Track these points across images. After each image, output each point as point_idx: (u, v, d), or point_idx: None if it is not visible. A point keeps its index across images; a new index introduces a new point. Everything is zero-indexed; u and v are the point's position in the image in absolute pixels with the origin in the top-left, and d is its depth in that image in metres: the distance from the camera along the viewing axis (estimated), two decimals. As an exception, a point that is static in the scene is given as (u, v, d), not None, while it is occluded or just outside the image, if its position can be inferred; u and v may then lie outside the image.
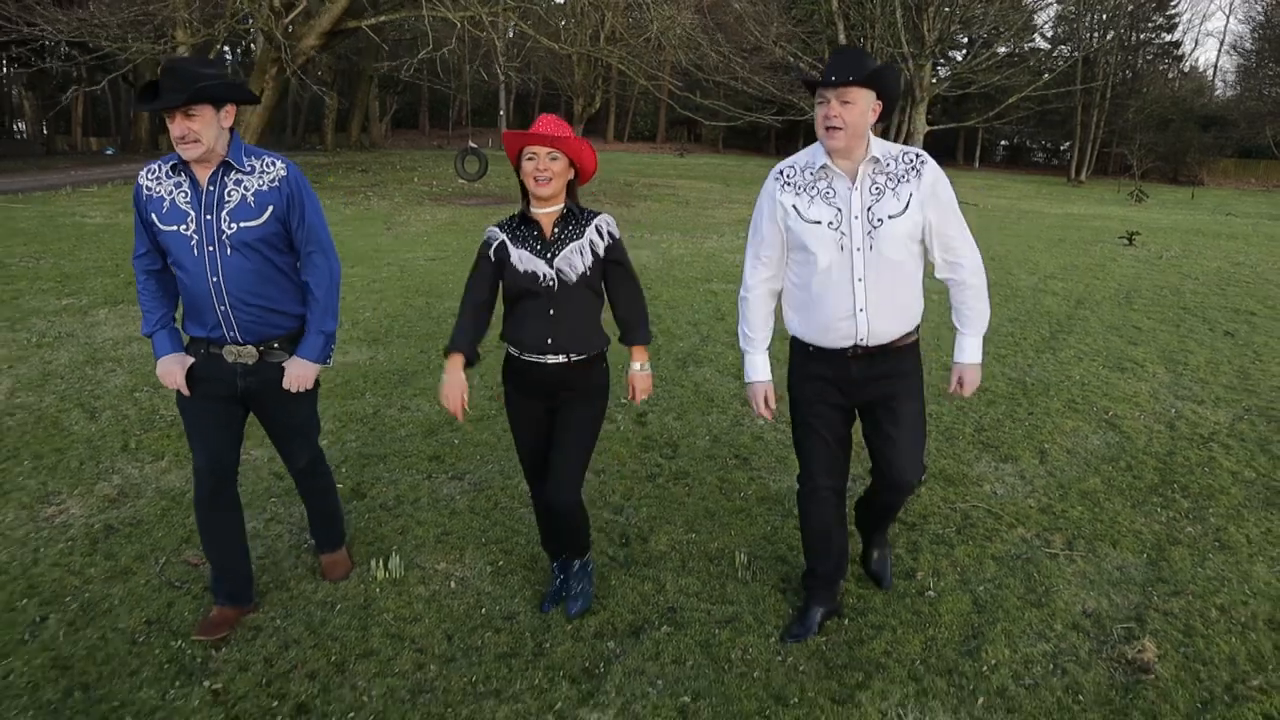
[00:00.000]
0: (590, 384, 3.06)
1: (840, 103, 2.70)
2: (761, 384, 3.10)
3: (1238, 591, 3.47)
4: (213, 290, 2.86)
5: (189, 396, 3.00)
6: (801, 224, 2.86)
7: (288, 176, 2.94)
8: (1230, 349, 7.46)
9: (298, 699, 2.73)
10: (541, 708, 2.70)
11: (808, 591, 3.20)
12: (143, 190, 2.91)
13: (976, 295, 2.97)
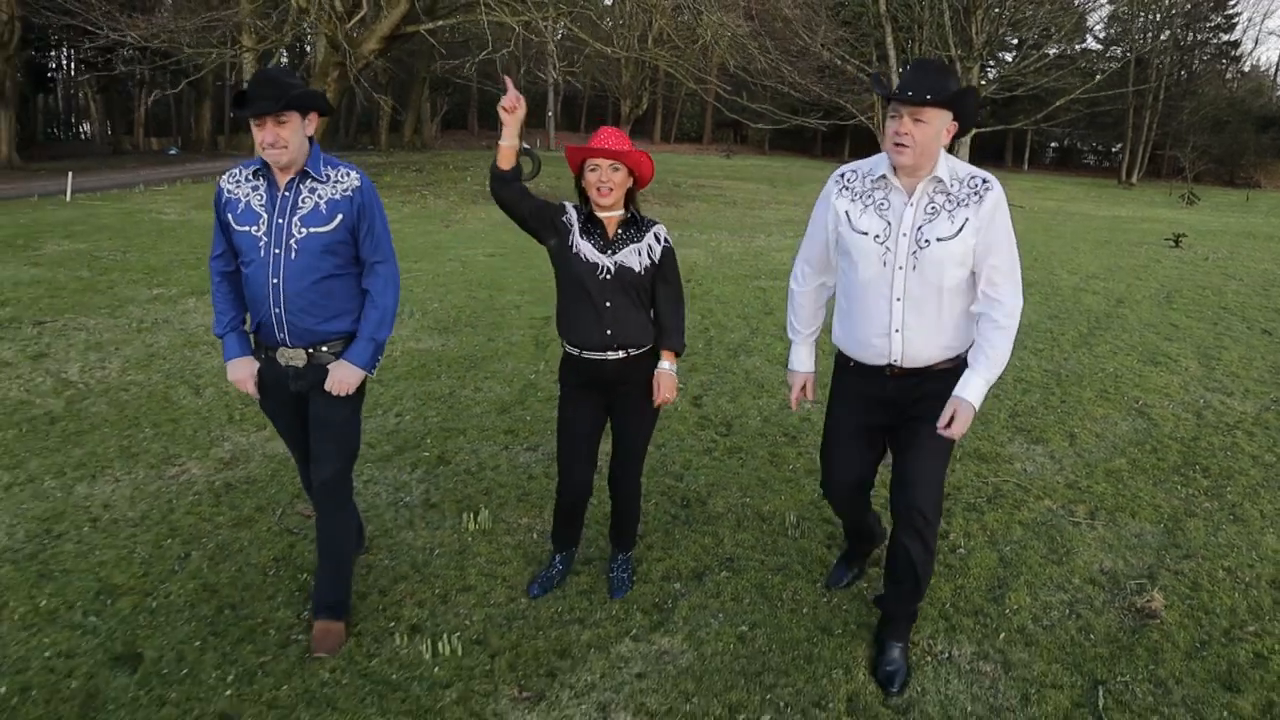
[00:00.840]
0: (645, 378, 3.22)
1: (913, 120, 2.60)
2: (801, 374, 3.13)
3: (1245, 557, 3.82)
4: (270, 292, 2.93)
5: (268, 403, 3.16)
6: (850, 232, 2.81)
7: (360, 187, 3.00)
8: (1266, 346, 7.70)
9: (410, 621, 3.20)
10: (619, 633, 3.14)
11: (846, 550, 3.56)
12: (224, 192, 3.01)
13: (1003, 337, 2.74)
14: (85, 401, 5.64)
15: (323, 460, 3.09)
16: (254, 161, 3.01)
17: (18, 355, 6.64)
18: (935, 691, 2.86)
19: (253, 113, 2.77)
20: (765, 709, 2.75)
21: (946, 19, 27.80)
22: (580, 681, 2.86)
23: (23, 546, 3.73)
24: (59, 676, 2.85)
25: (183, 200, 18.93)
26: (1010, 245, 2.75)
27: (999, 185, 2.73)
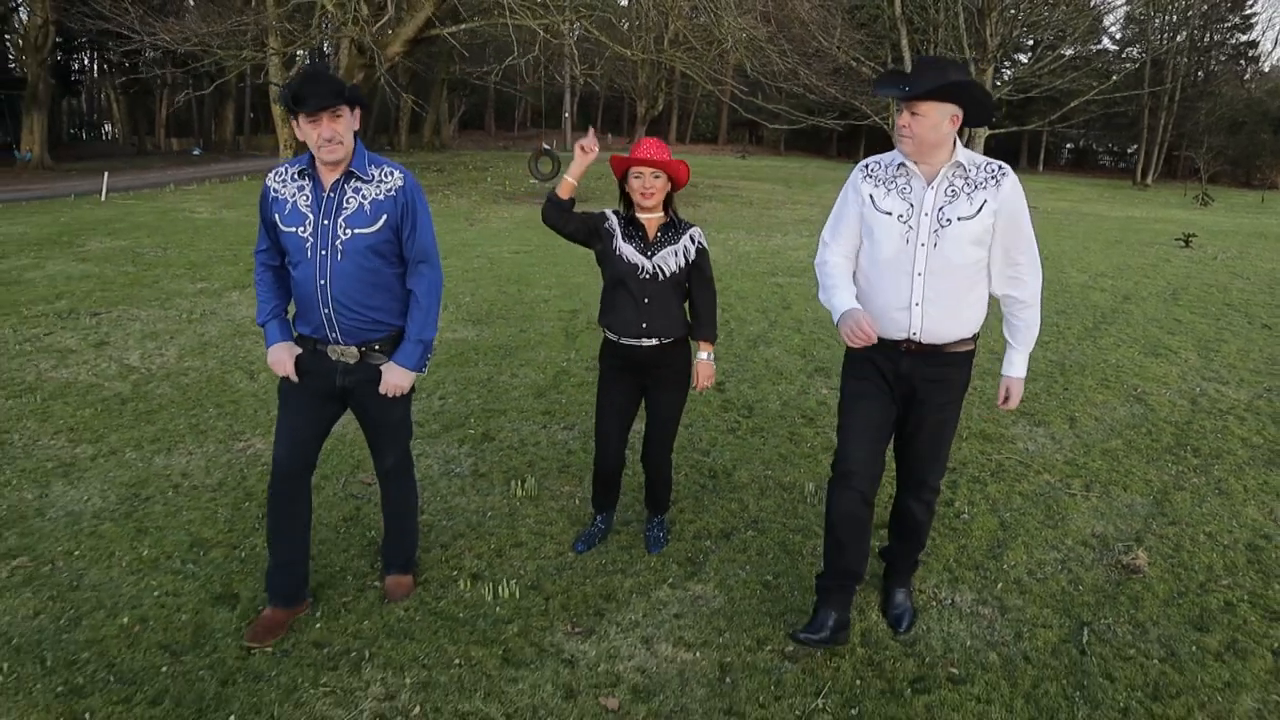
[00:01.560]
0: (677, 364, 3.54)
1: (910, 113, 2.78)
2: (852, 311, 2.90)
3: (1226, 524, 4.17)
4: (318, 292, 2.95)
5: (293, 385, 3.12)
6: (874, 213, 2.96)
7: (404, 187, 2.98)
8: (1264, 339, 8.03)
9: (471, 570, 3.60)
10: (658, 581, 3.53)
11: (821, 594, 3.14)
12: (270, 191, 3.00)
13: (1032, 313, 3.00)
14: (150, 385, 6.07)
15: (384, 452, 3.30)
16: (299, 160, 3.00)
17: (81, 343, 7.09)
18: (939, 630, 3.23)
19: (312, 108, 2.76)
20: (787, 642, 3.13)
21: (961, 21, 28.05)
22: (625, 619, 3.26)
23: (117, 508, 4.15)
24: (170, 611, 3.27)
25: (213, 200, 19.45)
26: (1028, 227, 2.92)
27: (1012, 171, 2.89)
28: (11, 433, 5.09)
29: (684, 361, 3.57)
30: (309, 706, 2.76)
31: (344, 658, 3.01)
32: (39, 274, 10.08)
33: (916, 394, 3.03)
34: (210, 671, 2.92)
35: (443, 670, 2.94)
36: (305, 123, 2.81)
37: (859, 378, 3.11)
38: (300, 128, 2.84)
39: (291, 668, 2.94)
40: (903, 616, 3.28)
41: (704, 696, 2.83)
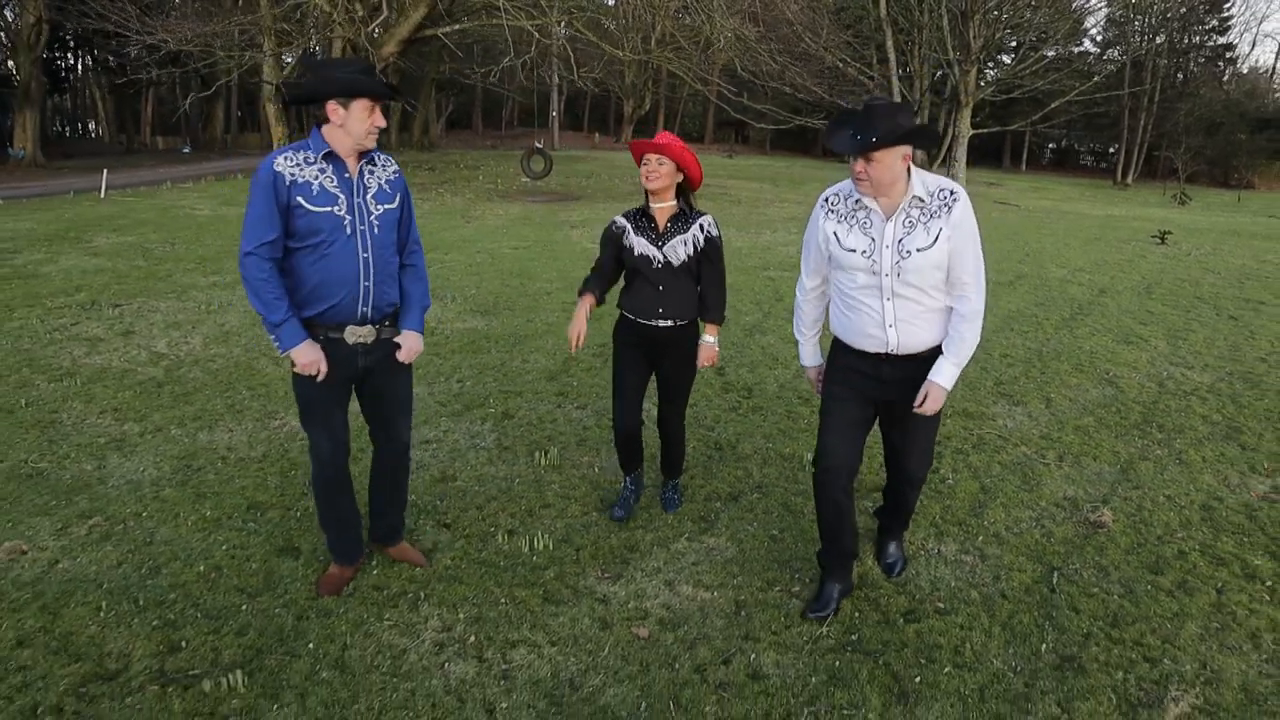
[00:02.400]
0: (687, 342, 3.81)
1: (864, 161, 2.92)
2: (813, 368, 3.56)
3: (1184, 489, 4.61)
4: (362, 266, 3.12)
5: (319, 384, 3.18)
6: (840, 251, 3.15)
7: (399, 171, 3.33)
8: (1229, 329, 8.50)
9: (506, 528, 3.99)
10: (676, 535, 3.94)
11: (824, 570, 3.48)
12: (284, 176, 3.01)
13: (970, 329, 3.10)
14: (181, 370, 6.43)
15: (398, 426, 3.50)
16: (300, 146, 3.10)
17: (108, 332, 7.43)
18: (926, 574, 3.65)
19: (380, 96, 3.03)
20: (794, 583, 3.54)
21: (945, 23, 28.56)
22: (649, 566, 3.66)
23: (173, 476, 4.52)
24: (240, 561, 3.65)
25: (211, 197, 19.72)
26: (975, 247, 3.05)
27: (964, 193, 3.05)
28: (60, 412, 5.44)
29: (694, 340, 3.83)
30: (377, 636, 3.15)
31: (402, 598, 3.40)
32: (54, 268, 10.39)
33: (897, 392, 3.22)
34: (285, 609, 3.30)
35: (491, 607, 3.34)
36: (365, 108, 3.00)
37: (840, 383, 3.33)
38: (349, 113, 3.00)
39: (357, 606, 3.33)
40: (895, 564, 3.68)
41: (723, 626, 3.24)
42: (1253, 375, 6.80)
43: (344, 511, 3.47)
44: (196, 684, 2.85)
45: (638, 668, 2.98)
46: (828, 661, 3.03)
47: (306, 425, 3.33)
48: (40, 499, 4.22)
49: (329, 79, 3.05)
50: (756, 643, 3.14)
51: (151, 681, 2.87)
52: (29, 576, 3.51)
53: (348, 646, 3.08)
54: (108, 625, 3.17)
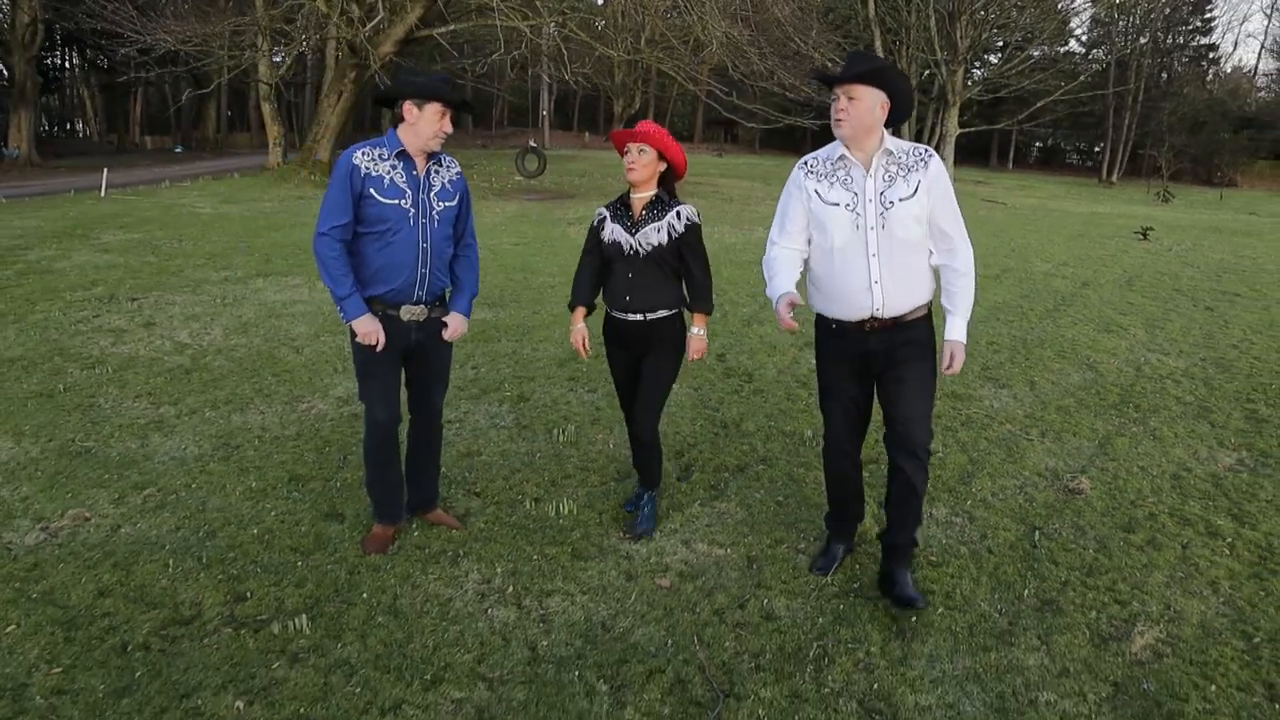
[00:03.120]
0: (665, 338, 3.73)
1: (847, 98, 3.07)
2: (784, 296, 3.22)
3: (1157, 460, 4.97)
4: (420, 255, 3.49)
5: (376, 355, 3.53)
6: (822, 206, 3.21)
7: (460, 173, 3.70)
8: (1205, 319, 8.90)
9: (533, 495, 4.32)
10: (689, 501, 4.27)
11: (830, 531, 3.74)
12: (359, 169, 3.40)
13: (967, 280, 3.24)
14: (206, 358, 6.72)
15: (435, 393, 3.86)
16: (381, 143, 3.48)
17: (130, 323, 7.72)
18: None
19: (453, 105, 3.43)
20: (799, 540, 3.88)
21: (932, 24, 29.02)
22: (667, 527, 3.99)
23: (214, 453, 4.83)
24: (290, 524, 3.96)
25: (211, 195, 19.95)
26: (953, 204, 3.21)
27: (936, 154, 3.21)
28: (97, 397, 5.73)
29: (673, 334, 3.75)
30: (424, 588, 3.47)
31: (443, 555, 3.72)
32: (67, 264, 10.65)
33: (886, 362, 3.28)
34: (337, 565, 3.62)
35: (525, 562, 3.67)
36: (438, 113, 3.39)
37: (833, 370, 3.43)
38: (422, 114, 3.38)
39: (403, 562, 3.65)
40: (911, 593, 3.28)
41: (737, 577, 3.57)
42: (1224, 361, 7.18)
43: (392, 474, 3.78)
44: (266, 627, 3.17)
45: (662, 612, 3.31)
46: (833, 605, 3.37)
47: (364, 395, 3.69)
48: (93, 473, 4.52)
49: (409, 83, 3.45)
50: (768, 590, 3.47)
51: (224, 625, 3.19)
52: (96, 539, 3.81)
53: (398, 596, 3.40)
54: (176, 579, 3.49)
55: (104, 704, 2.75)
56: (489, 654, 3.05)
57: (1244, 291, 10.76)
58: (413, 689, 2.85)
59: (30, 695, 2.79)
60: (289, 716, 2.70)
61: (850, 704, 2.80)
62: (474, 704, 2.79)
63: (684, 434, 5.20)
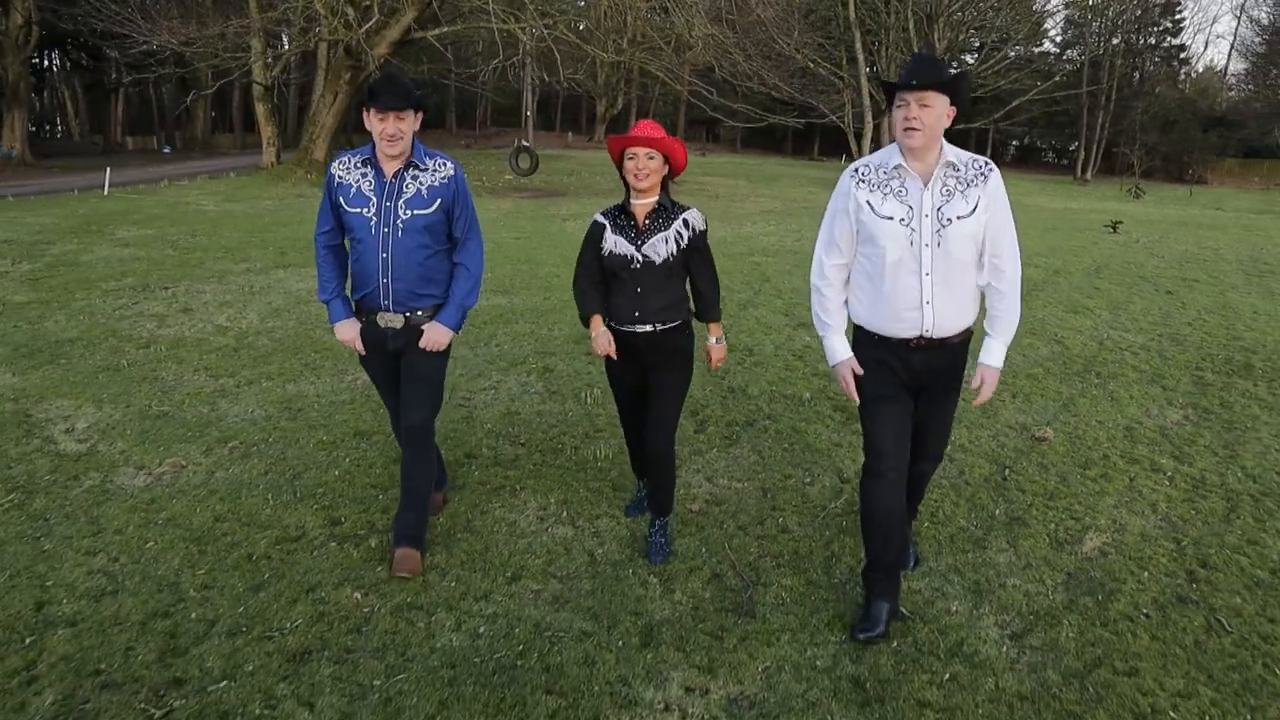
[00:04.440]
0: (677, 348, 3.57)
1: (919, 105, 2.86)
2: (846, 362, 3.22)
3: (1113, 416, 5.66)
4: (380, 265, 3.40)
5: (366, 357, 3.63)
6: (874, 219, 3.01)
7: (455, 176, 3.46)
8: (1164, 302, 9.63)
9: (571, 444, 4.95)
10: (707, 448, 4.92)
11: (870, 587, 3.21)
12: (335, 177, 3.45)
13: (1011, 303, 3.09)
14: (248, 338, 7.31)
15: (413, 406, 3.54)
16: (362, 150, 3.45)
17: (168, 309, 8.28)
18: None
19: (382, 107, 3.24)
20: (807, 476, 4.54)
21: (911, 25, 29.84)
22: (691, 468, 4.64)
23: (280, 414, 5.42)
24: (365, 467, 4.58)
25: (212, 194, 20.42)
26: (1010, 220, 3.04)
27: (996, 167, 3.03)
28: (159, 371, 6.31)
29: (685, 343, 3.59)
30: (491, 513, 4.10)
31: (504, 489, 4.35)
32: (92, 257, 11.16)
33: (926, 382, 3.18)
34: (412, 498, 4.24)
35: (573, 494, 4.30)
36: (375, 117, 3.28)
37: (876, 379, 3.19)
38: (370, 120, 3.31)
39: (469, 495, 4.28)
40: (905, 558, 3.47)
41: (754, 503, 4.22)
42: (1179, 336, 7.91)
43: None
44: (364, 541, 3.79)
45: (695, 529, 3.96)
46: (836, 523, 4.03)
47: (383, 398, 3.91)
48: (176, 431, 5.11)
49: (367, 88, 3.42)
50: (781, 511, 4.13)
51: (329, 541, 3.80)
52: (197, 481, 4.41)
53: (470, 519, 4.03)
54: (278, 508, 4.10)
55: (245, 596, 3.36)
56: (555, 559, 3.68)
57: (1202, 278, 11.52)
58: (498, 583, 3.48)
59: (184, 589, 3.40)
60: (399, 604, 3.33)
61: (855, 589, 3.45)
62: (550, 593, 3.42)
63: (696, 397, 5.83)
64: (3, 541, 3.74)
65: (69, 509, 4.06)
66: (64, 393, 5.73)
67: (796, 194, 25.91)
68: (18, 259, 10.78)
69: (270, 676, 2.88)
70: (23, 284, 9.25)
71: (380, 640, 3.09)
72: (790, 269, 11.39)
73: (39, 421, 5.20)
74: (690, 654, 3.03)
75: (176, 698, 2.79)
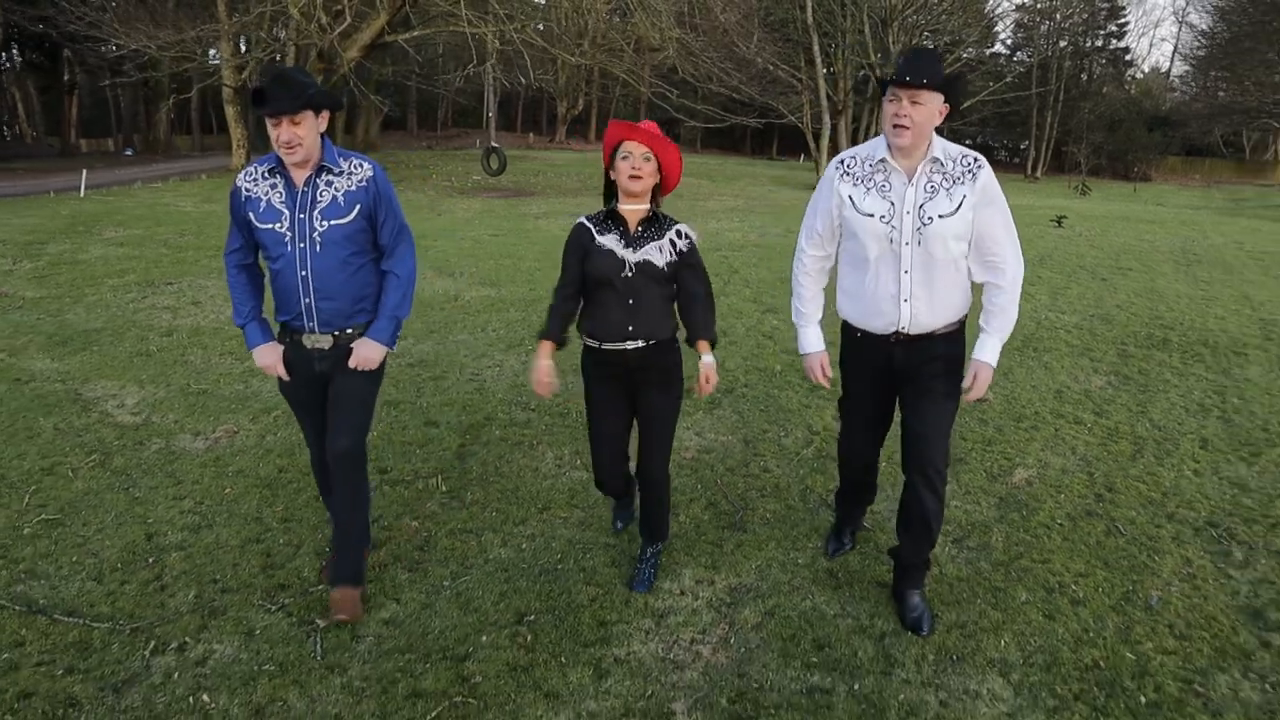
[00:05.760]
0: (666, 363, 3.32)
1: (911, 102, 2.79)
2: (816, 354, 3.24)
3: (1045, 381, 6.48)
4: (300, 284, 3.09)
5: (289, 383, 3.29)
6: (855, 215, 2.96)
7: (374, 177, 3.13)
8: (1099, 288, 10.55)
9: (577, 408, 5.64)
10: (694, 411, 5.64)
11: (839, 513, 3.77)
12: (241, 191, 3.11)
13: (1009, 301, 2.99)
14: (262, 327, 7.90)
15: (341, 431, 3.20)
16: (267, 159, 3.12)
17: (178, 302, 8.84)
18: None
19: (270, 111, 2.88)
20: (782, 430, 5.29)
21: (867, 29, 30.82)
22: (682, 425, 5.35)
23: (311, 390, 6.05)
24: (399, 429, 5.24)
25: (188, 195, 20.78)
26: (1006, 215, 2.93)
27: (987, 162, 2.93)
28: (187, 355, 6.91)
29: (673, 361, 3.36)
30: (514, 462, 4.79)
31: (522, 444, 5.05)
32: (88, 256, 11.63)
33: (910, 377, 3.10)
34: (445, 451, 4.92)
35: (584, 447, 4.99)
36: (268, 122, 2.95)
37: (854, 377, 3.25)
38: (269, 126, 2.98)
39: (494, 446, 4.96)
40: (922, 619, 3.24)
41: (739, 450, 4.96)
42: (1109, 317, 8.79)
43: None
44: (412, 484, 4.47)
45: (691, 470, 4.69)
46: (808, 464, 4.79)
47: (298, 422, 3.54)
48: (220, 405, 5.73)
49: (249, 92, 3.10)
50: (762, 457, 4.87)
51: (382, 484, 4.48)
52: (251, 443, 5.05)
53: (499, 466, 4.72)
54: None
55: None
56: (576, 495, 4.39)
57: (1136, 267, 12.48)
58: (531, 512, 4.18)
59: (268, 522, 4.06)
60: (453, 529, 4.01)
61: (826, 512, 4.20)
62: (576, 519, 4.13)
63: (681, 371, 6.56)
64: (99, 491, 4.37)
65: (145, 466, 4.69)
66: (106, 374, 6.32)
67: (757, 192, 26.76)
68: (17, 258, 11.22)
69: (360, 579, 3.57)
70: (31, 281, 9.73)
71: (442, 554, 3.78)
72: (756, 262, 12.15)
73: (91, 399, 5.79)
74: (697, 557, 3.76)
75: (284, 597, 3.46)
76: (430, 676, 2.95)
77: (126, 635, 3.19)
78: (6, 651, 3.08)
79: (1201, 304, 9.60)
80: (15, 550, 3.77)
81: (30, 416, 5.42)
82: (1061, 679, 2.95)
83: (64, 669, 3.00)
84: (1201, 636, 3.21)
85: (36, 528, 3.98)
